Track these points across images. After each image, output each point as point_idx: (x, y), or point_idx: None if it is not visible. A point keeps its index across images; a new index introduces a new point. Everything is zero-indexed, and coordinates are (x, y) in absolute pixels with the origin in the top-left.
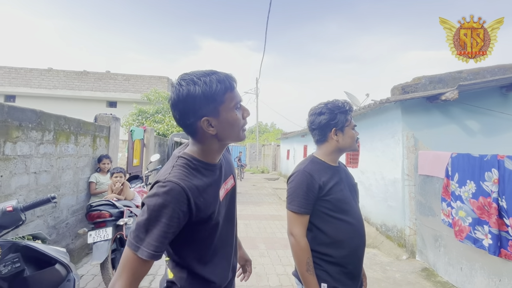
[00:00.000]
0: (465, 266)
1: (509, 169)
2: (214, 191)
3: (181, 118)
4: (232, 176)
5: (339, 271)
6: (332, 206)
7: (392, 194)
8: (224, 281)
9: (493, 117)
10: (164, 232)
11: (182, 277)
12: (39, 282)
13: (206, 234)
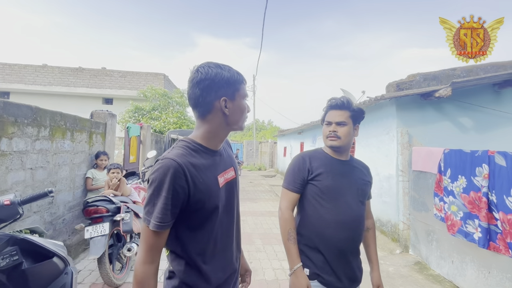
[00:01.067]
0: (456, 259)
1: (499, 164)
2: (212, 174)
3: (202, 94)
4: (233, 168)
5: (322, 260)
6: (319, 192)
7: (386, 190)
8: (221, 278)
9: (485, 113)
10: (165, 204)
11: (180, 269)
12: (37, 274)
13: (205, 220)
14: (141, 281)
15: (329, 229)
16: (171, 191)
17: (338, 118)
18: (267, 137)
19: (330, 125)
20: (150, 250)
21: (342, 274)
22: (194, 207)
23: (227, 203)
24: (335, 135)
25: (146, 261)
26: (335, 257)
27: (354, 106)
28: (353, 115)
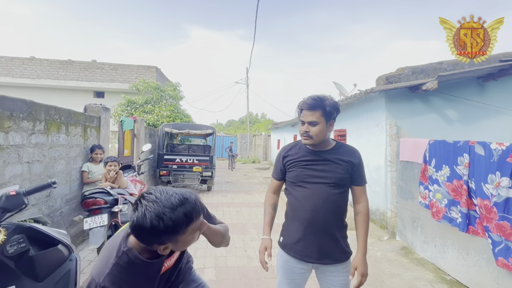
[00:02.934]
0: (439, 243)
1: (478, 153)
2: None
3: (139, 238)
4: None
5: (295, 232)
6: (292, 177)
7: (375, 180)
8: None
9: (470, 106)
10: None
11: None
12: (43, 261)
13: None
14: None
15: (299, 208)
16: None
17: (309, 118)
18: (260, 130)
19: (303, 125)
20: None
21: (313, 245)
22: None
23: (167, 281)
24: (308, 135)
25: None
26: (306, 230)
27: (327, 104)
28: (325, 113)
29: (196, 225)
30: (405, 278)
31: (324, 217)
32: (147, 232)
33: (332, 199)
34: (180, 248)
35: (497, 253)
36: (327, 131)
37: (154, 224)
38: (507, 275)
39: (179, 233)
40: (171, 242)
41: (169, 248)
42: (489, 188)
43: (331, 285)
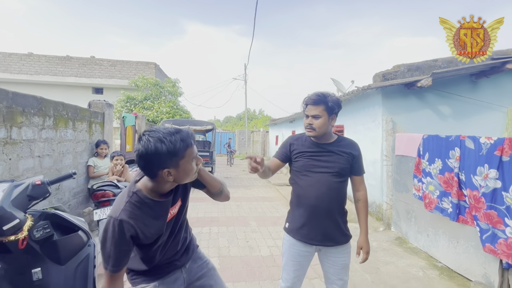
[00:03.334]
0: (431, 233)
1: (468, 147)
2: (161, 221)
3: (146, 166)
4: (181, 199)
5: (300, 217)
6: (297, 167)
7: (372, 173)
8: (162, 268)
9: (463, 102)
10: (117, 255)
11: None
12: (65, 245)
13: (152, 250)
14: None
15: (304, 196)
16: (120, 243)
17: (313, 112)
18: (258, 127)
19: (307, 118)
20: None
21: (316, 229)
22: (140, 245)
23: (173, 229)
24: (311, 127)
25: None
26: (310, 215)
27: (329, 99)
28: (327, 108)
29: (192, 152)
30: (399, 265)
31: (327, 203)
32: (152, 155)
33: (335, 187)
34: (182, 176)
35: (484, 240)
36: (329, 125)
37: (157, 146)
38: (493, 260)
39: (179, 156)
40: (173, 167)
41: (172, 175)
42: (478, 180)
43: (333, 265)
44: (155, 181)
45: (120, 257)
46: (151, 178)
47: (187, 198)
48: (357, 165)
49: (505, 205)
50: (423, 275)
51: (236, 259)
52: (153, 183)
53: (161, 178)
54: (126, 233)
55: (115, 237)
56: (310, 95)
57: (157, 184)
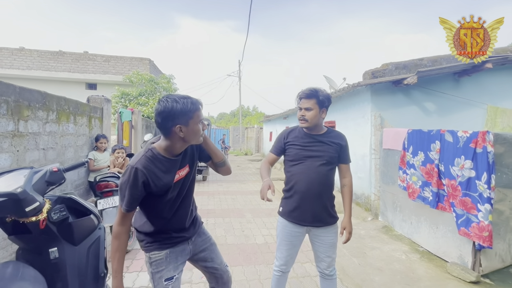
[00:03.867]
0: (414, 220)
1: (448, 140)
2: (169, 176)
3: (163, 122)
4: (188, 165)
5: (292, 201)
6: (290, 156)
7: (361, 167)
8: (172, 231)
9: (446, 99)
10: (131, 197)
11: (137, 224)
12: (79, 227)
13: (162, 204)
14: (116, 235)
15: (297, 182)
16: (134, 187)
17: (306, 105)
18: (252, 123)
19: (301, 110)
20: (122, 219)
21: (307, 211)
22: (154, 198)
23: (180, 191)
24: (304, 118)
25: (119, 223)
26: (302, 199)
27: (320, 94)
28: (319, 101)
29: (200, 116)
30: (384, 250)
31: (317, 188)
32: (168, 112)
33: (324, 174)
34: (191, 135)
35: (459, 224)
36: (320, 117)
37: (173, 105)
38: (467, 242)
39: (189, 115)
40: (184, 125)
41: (183, 132)
42: (456, 170)
43: (322, 244)
44: (169, 139)
45: (132, 199)
46: (165, 136)
47: (194, 167)
48: (344, 154)
49: (478, 192)
50: (405, 258)
51: (232, 247)
52: (167, 141)
53: (174, 134)
54: (139, 179)
55: (130, 181)
56: (304, 89)
57: (170, 143)
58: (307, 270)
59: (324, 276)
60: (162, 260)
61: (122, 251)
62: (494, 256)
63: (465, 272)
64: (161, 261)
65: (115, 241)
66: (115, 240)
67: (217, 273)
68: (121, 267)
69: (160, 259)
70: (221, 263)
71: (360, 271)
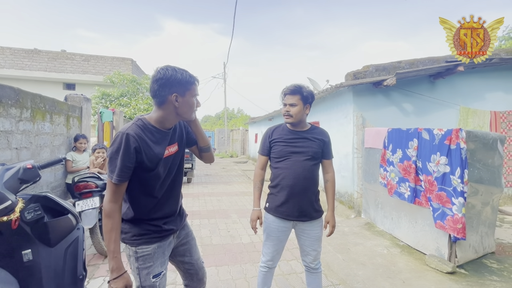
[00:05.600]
0: (395, 216)
1: (425, 138)
2: (159, 148)
3: (159, 89)
4: (177, 143)
5: (279, 197)
6: (276, 153)
7: (344, 166)
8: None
9: (423, 100)
10: (122, 163)
11: (125, 206)
12: (55, 227)
13: (153, 179)
14: (109, 214)
15: (283, 177)
16: (126, 153)
17: (290, 101)
18: (238, 125)
19: (285, 106)
20: (114, 193)
21: (294, 206)
22: (143, 172)
23: (170, 169)
24: (288, 114)
25: (111, 200)
26: (288, 194)
27: (304, 90)
28: (303, 97)
29: (196, 90)
30: (366, 246)
31: (303, 183)
32: (166, 79)
33: (309, 169)
34: (185, 107)
35: (436, 218)
36: (303, 113)
37: (173, 73)
38: (443, 235)
39: (187, 87)
40: (180, 95)
41: (178, 102)
42: (432, 166)
43: (308, 238)
44: (162, 108)
45: (124, 168)
46: (159, 105)
47: (183, 147)
48: (327, 150)
49: (452, 187)
50: (387, 253)
51: (218, 247)
52: (159, 111)
53: (168, 104)
54: (131, 145)
55: (122, 148)
56: (288, 86)
57: (163, 113)
58: (293, 268)
59: (309, 270)
60: (150, 256)
61: (117, 230)
62: (468, 248)
63: (442, 264)
64: (148, 256)
65: (108, 220)
66: (108, 219)
67: (193, 269)
68: (118, 247)
69: (148, 254)
70: (198, 259)
71: (344, 266)
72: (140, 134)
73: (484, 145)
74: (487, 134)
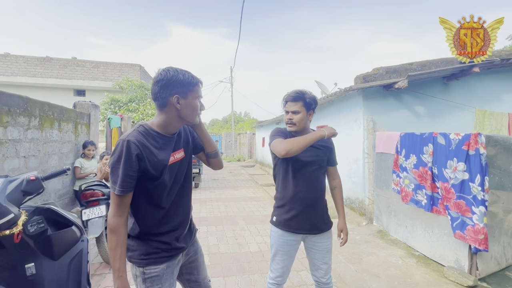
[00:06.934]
0: (409, 224)
1: (440, 143)
2: (164, 154)
3: (160, 91)
4: (183, 149)
5: (287, 210)
6: (283, 163)
7: (354, 171)
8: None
9: (436, 103)
10: (125, 172)
11: (132, 215)
12: (59, 240)
13: (159, 188)
14: (114, 229)
15: (293, 189)
16: (127, 161)
17: (293, 108)
18: (245, 129)
19: (288, 114)
20: (118, 206)
21: (305, 219)
22: (147, 179)
23: (177, 177)
24: (291, 122)
25: (116, 214)
26: (299, 207)
27: (307, 96)
28: (305, 104)
29: (199, 91)
30: (380, 255)
31: (314, 194)
32: (167, 80)
33: (318, 178)
34: (188, 110)
35: (455, 227)
36: (307, 120)
37: (174, 74)
38: (463, 246)
39: (189, 88)
40: (182, 96)
41: (180, 104)
42: (448, 172)
43: (318, 251)
44: (164, 112)
45: (127, 177)
46: (160, 108)
47: (189, 153)
48: (333, 156)
49: (472, 195)
50: (402, 263)
51: (226, 256)
52: (161, 115)
53: (170, 106)
54: (133, 151)
55: (124, 156)
56: (290, 92)
57: (165, 117)
58: (303, 279)
59: (320, 285)
60: (158, 277)
61: (123, 247)
62: (490, 259)
63: (462, 276)
64: (157, 278)
65: (113, 236)
66: (112, 235)
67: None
68: (124, 265)
69: (156, 276)
70: (205, 278)
71: (357, 278)
72: (142, 140)
73: (505, 149)
74: (508, 138)
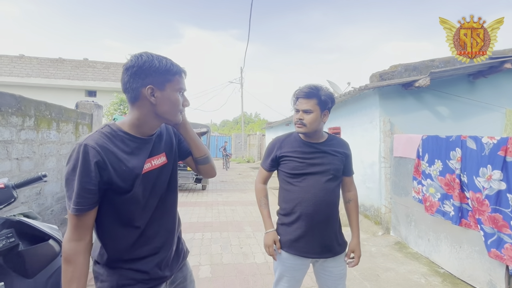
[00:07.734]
0: (432, 237)
1: (470, 147)
2: (136, 161)
3: (130, 80)
4: (165, 154)
5: (294, 228)
6: (287, 171)
7: (370, 176)
8: (143, 251)
9: (461, 102)
10: (81, 186)
11: (97, 239)
12: (33, 256)
13: (131, 203)
14: (68, 257)
15: (300, 203)
16: (84, 172)
17: (304, 106)
18: (255, 130)
19: (298, 113)
20: (75, 229)
21: (315, 241)
22: (114, 192)
23: (155, 188)
24: (301, 122)
25: (72, 238)
26: (308, 226)
27: (322, 93)
28: (320, 102)
29: (181, 82)
30: (399, 272)
31: (325, 210)
32: (139, 67)
33: (332, 191)
34: (166, 105)
35: (489, 245)
36: (321, 121)
37: (148, 60)
38: (499, 266)
39: (167, 77)
40: (158, 87)
41: (155, 97)
42: (481, 181)
43: (330, 277)
44: (135, 107)
45: (83, 191)
46: (132, 103)
47: (173, 159)
48: (349, 165)
49: (511, 208)
50: (425, 282)
51: (229, 267)
52: (133, 112)
53: (143, 100)
54: (91, 159)
55: (80, 165)
56: (302, 87)
57: (137, 114)
58: None
59: None
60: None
61: (80, 280)
62: None
63: None
64: None
65: (68, 267)
66: (67, 265)
67: None
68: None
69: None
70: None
71: None
72: (105, 144)
73: None
74: None
